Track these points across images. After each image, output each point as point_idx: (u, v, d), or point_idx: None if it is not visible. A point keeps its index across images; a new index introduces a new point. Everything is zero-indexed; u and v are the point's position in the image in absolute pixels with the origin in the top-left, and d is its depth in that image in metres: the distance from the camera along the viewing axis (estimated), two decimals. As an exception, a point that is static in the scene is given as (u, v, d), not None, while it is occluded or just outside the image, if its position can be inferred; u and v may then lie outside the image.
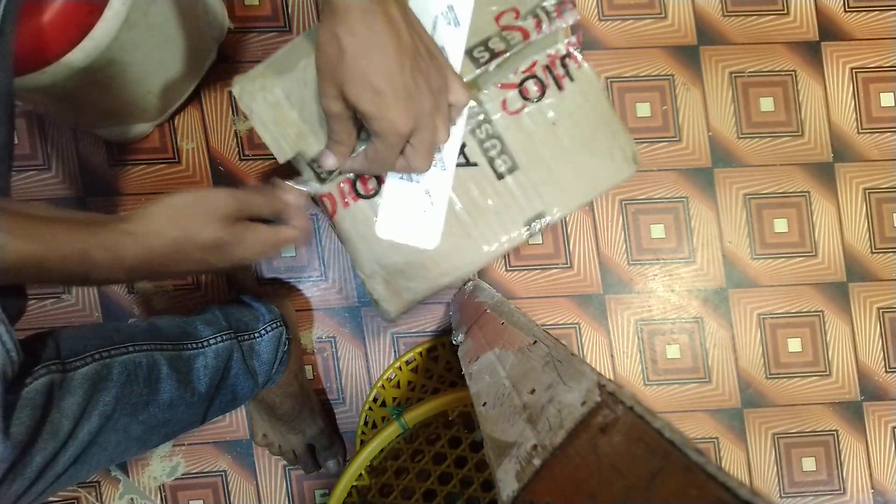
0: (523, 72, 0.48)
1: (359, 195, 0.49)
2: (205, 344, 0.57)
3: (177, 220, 0.41)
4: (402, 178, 0.49)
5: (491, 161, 0.49)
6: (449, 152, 0.48)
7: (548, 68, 0.49)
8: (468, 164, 0.49)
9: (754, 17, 0.81)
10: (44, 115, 0.74)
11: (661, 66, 0.80)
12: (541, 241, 0.79)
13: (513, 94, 0.49)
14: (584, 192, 0.50)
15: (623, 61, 0.80)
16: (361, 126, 0.44)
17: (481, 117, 0.49)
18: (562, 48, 0.48)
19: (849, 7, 0.81)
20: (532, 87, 0.49)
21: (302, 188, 0.48)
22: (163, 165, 0.76)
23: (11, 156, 0.41)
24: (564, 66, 0.49)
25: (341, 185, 0.49)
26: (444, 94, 0.43)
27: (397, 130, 0.41)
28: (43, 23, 0.48)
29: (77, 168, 0.75)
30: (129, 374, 0.48)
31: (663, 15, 0.80)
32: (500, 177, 0.49)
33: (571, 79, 0.49)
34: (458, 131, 0.48)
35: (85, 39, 0.50)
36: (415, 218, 0.49)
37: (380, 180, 0.49)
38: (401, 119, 0.40)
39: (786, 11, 0.81)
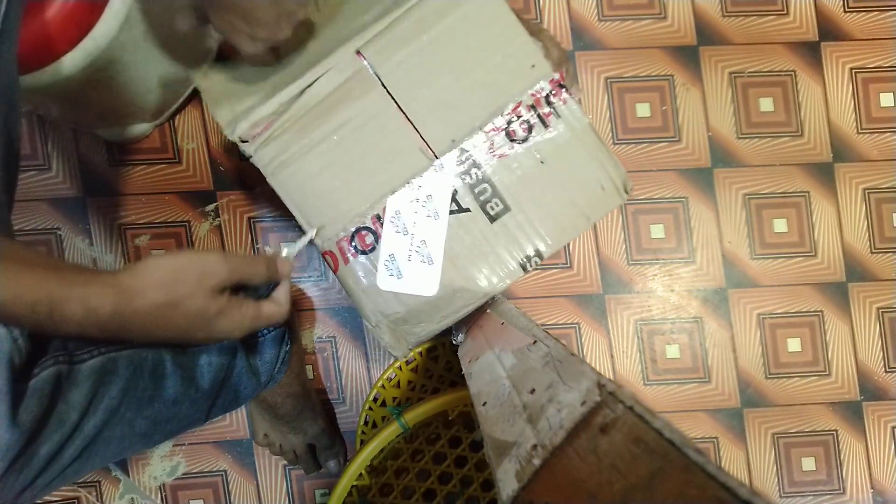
0: (508, 114, 0.49)
1: (358, 251, 0.50)
2: None
3: (165, 283, 0.39)
4: (397, 230, 0.50)
5: (483, 205, 0.50)
6: (441, 201, 0.50)
7: (532, 107, 0.49)
8: (460, 210, 0.50)
9: (754, 17, 0.81)
10: (44, 115, 0.74)
11: (661, 66, 0.80)
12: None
13: (500, 137, 0.49)
14: (575, 226, 0.51)
15: (623, 61, 0.80)
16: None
17: (470, 162, 0.49)
18: (545, 86, 0.49)
19: (848, 7, 0.81)
20: (518, 129, 0.49)
21: (292, 250, 0.50)
22: (163, 165, 0.76)
23: (18, 163, 0.41)
24: (549, 103, 0.49)
25: (340, 242, 0.50)
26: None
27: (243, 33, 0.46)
28: (43, 22, 0.48)
29: (77, 168, 0.75)
30: (135, 368, 0.48)
31: (663, 15, 0.80)
32: (492, 220, 0.50)
33: (557, 115, 0.49)
34: (448, 179, 0.49)
35: (85, 39, 0.50)
36: (413, 268, 0.50)
37: (377, 235, 0.50)
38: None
39: (785, 12, 0.81)
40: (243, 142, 0.49)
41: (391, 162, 0.49)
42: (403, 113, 0.48)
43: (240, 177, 0.77)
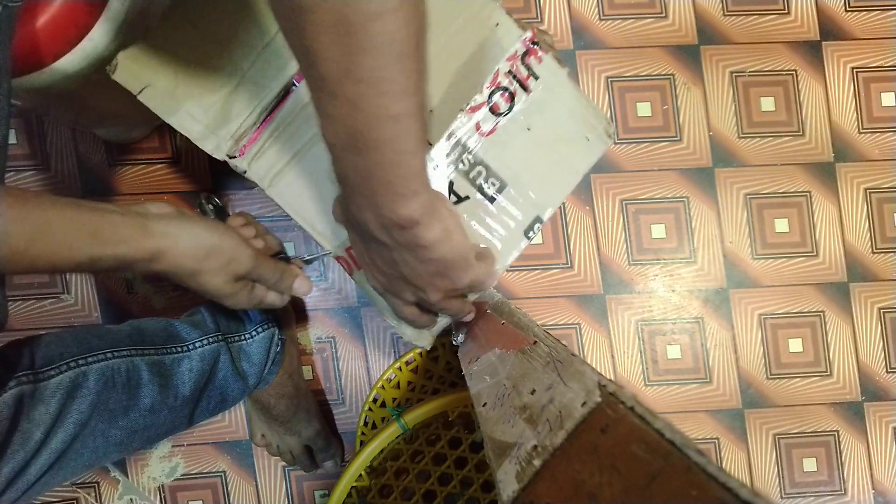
0: (488, 87, 0.48)
1: None
2: (190, 347, 0.57)
3: (196, 256, 0.43)
4: None
5: (480, 188, 0.49)
6: None
7: (510, 73, 0.48)
8: (460, 200, 0.49)
9: (755, 16, 0.81)
10: (43, 115, 0.74)
11: (662, 65, 0.80)
12: (541, 242, 0.79)
13: (483, 114, 0.48)
14: (568, 183, 0.51)
15: (623, 61, 0.80)
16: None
17: (460, 148, 0.48)
18: (519, 47, 0.47)
19: (850, 7, 0.81)
20: (501, 101, 0.48)
21: (311, 258, 0.53)
22: (162, 165, 0.76)
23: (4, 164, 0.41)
24: (526, 65, 0.48)
25: (351, 250, 0.49)
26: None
27: (427, 301, 0.47)
28: (42, 23, 0.48)
29: (76, 168, 0.75)
30: (107, 381, 0.48)
31: (664, 14, 0.80)
32: (491, 200, 0.49)
33: (536, 76, 0.48)
34: (442, 172, 0.48)
35: (84, 40, 0.50)
36: None
37: None
38: (407, 296, 0.47)
39: (786, 11, 0.81)
40: (232, 157, 0.48)
41: None
42: None
43: (239, 176, 0.76)
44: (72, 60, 0.50)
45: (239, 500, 0.77)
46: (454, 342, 0.59)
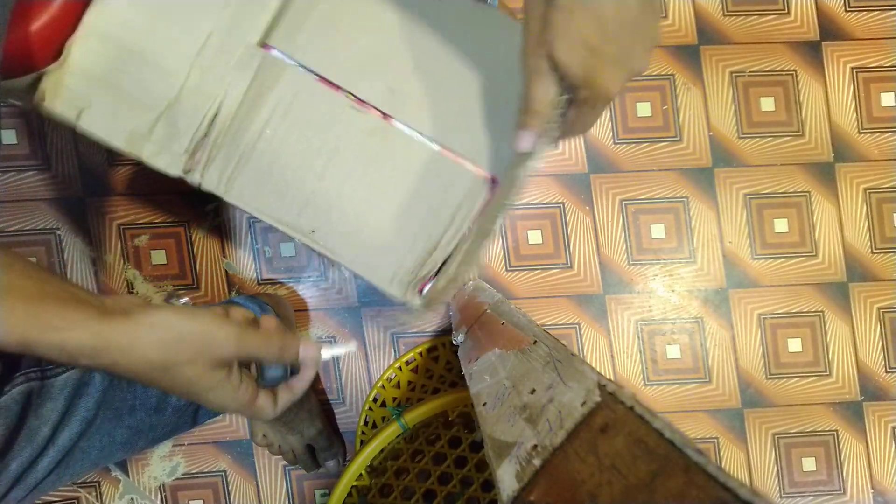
0: None
1: None
2: None
3: (167, 345, 0.35)
4: None
5: None
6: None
7: None
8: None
9: (755, 16, 0.81)
10: (43, 116, 0.74)
11: (662, 65, 0.80)
12: (541, 241, 0.79)
13: None
14: None
15: (623, 61, 0.80)
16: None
17: None
18: None
19: (849, 7, 0.81)
20: None
21: (325, 354, 0.42)
22: (163, 165, 0.76)
23: None
24: None
25: None
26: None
27: (609, 98, 0.35)
28: (40, 24, 0.48)
29: (77, 168, 0.75)
30: (112, 379, 0.48)
31: (664, 14, 0.80)
32: None
33: None
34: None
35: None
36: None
37: None
38: (615, 86, 0.34)
39: (786, 11, 0.81)
40: (187, 172, 0.47)
41: (331, 129, 0.47)
42: (327, 80, 0.47)
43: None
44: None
45: (239, 499, 0.77)
46: (454, 342, 0.59)
